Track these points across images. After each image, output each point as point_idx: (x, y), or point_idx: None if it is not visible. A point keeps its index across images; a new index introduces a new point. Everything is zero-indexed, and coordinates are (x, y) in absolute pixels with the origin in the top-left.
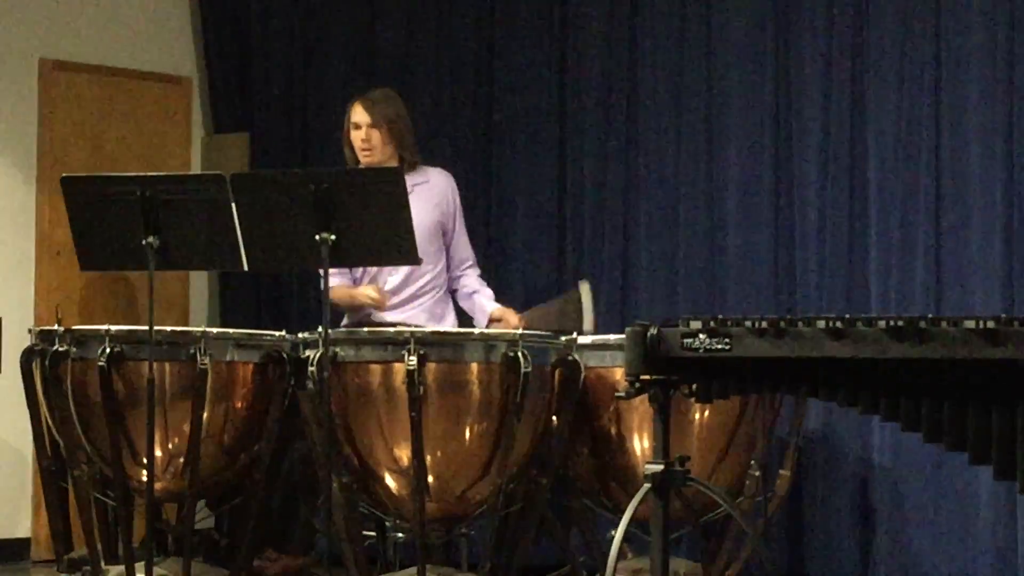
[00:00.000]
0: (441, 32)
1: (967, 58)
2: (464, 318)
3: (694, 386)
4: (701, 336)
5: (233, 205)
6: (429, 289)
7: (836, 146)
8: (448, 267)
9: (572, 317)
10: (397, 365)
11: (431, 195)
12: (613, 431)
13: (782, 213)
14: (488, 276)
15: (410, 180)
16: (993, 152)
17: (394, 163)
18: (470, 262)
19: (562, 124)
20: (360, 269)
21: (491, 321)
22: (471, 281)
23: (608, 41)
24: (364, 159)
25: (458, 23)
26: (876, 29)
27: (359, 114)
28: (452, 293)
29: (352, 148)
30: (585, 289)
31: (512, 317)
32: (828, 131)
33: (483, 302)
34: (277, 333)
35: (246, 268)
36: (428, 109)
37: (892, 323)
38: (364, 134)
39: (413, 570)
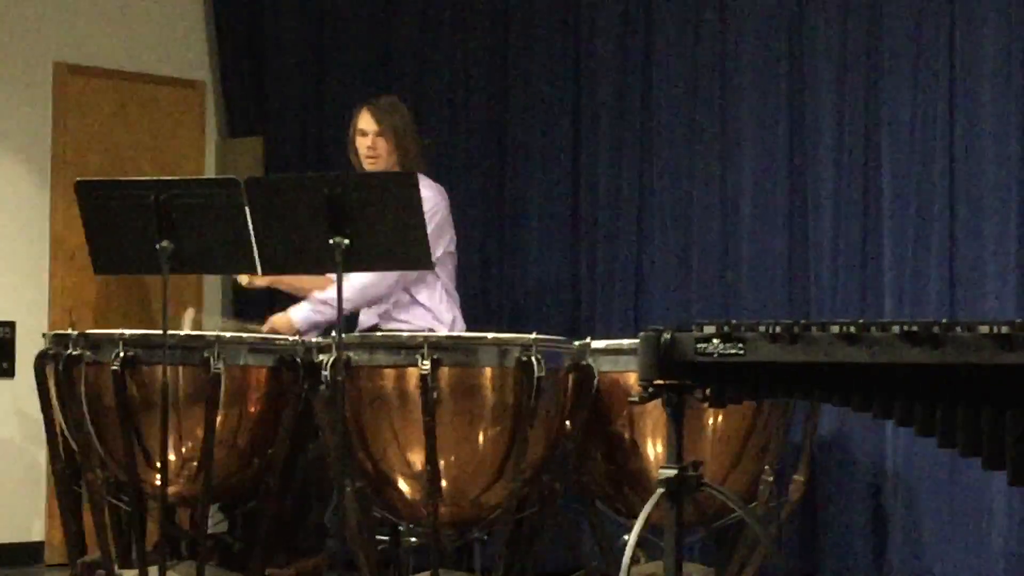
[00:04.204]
0: (456, 38)
1: (981, 61)
2: (472, 324)
3: (708, 391)
4: (715, 341)
5: (247, 209)
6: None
7: (850, 151)
8: None
9: None
10: (411, 369)
11: None
12: (626, 436)
13: (796, 218)
14: (502, 283)
15: None
16: (1008, 156)
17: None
18: None
19: (576, 131)
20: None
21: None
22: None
23: (622, 48)
24: (368, 166)
25: (473, 29)
26: (890, 33)
27: (366, 121)
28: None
29: (356, 153)
30: None
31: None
32: (842, 136)
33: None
34: (291, 337)
35: (260, 272)
36: (443, 114)
37: (906, 328)
38: (370, 142)
39: (427, 574)
